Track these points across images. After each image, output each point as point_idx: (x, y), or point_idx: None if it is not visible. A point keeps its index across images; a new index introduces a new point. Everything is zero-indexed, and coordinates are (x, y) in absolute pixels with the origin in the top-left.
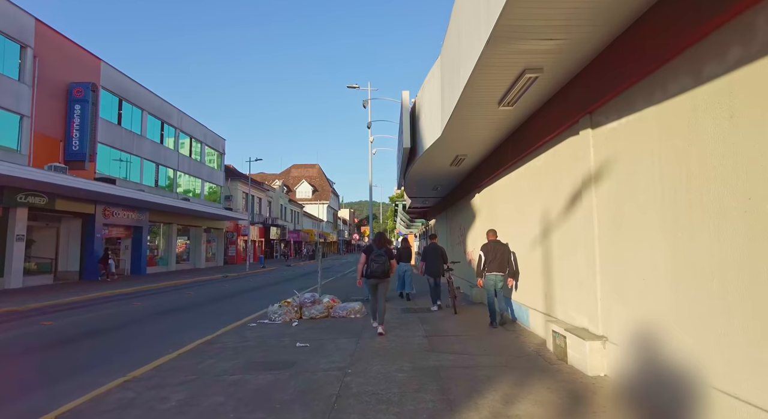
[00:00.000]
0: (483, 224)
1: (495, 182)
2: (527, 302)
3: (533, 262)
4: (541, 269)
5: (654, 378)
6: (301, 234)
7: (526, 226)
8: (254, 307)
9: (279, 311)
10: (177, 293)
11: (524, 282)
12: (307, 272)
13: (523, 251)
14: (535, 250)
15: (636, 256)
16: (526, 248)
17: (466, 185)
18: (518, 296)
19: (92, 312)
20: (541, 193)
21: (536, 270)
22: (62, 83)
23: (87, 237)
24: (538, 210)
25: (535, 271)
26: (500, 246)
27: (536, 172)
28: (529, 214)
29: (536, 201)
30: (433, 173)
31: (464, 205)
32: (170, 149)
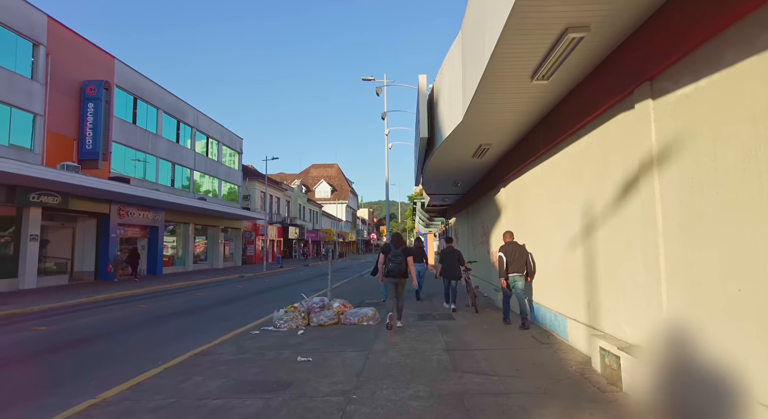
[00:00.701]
0: (509, 221)
1: (523, 174)
2: (565, 311)
3: (572, 264)
4: (583, 273)
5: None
6: (319, 234)
7: (562, 222)
8: (263, 311)
9: (284, 318)
10: (187, 295)
11: (560, 288)
12: (324, 273)
13: (559, 252)
14: (574, 250)
15: (727, 259)
16: (563, 249)
17: (490, 180)
18: (553, 302)
19: (93, 316)
20: (582, 183)
21: (576, 274)
22: (75, 81)
23: (102, 237)
24: (578, 203)
25: (575, 275)
26: (518, 247)
27: (576, 158)
28: (566, 208)
29: (575, 193)
30: (453, 166)
31: (487, 201)
32: (186, 148)
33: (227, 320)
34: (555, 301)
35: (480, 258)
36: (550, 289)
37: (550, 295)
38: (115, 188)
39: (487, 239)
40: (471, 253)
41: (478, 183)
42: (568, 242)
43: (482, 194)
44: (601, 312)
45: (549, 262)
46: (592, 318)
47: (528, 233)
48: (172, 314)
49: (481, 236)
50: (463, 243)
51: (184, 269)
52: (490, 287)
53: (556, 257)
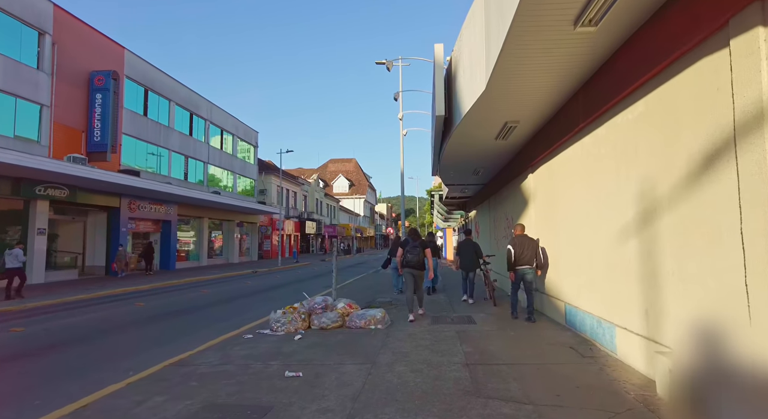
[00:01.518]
0: (539, 211)
1: (557, 156)
2: (611, 317)
3: (622, 260)
4: (638, 271)
5: None
6: (337, 228)
7: (607, 210)
8: (266, 310)
9: (282, 320)
10: (193, 292)
11: (605, 288)
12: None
13: (602, 245)
14: (624, 243)
15: None
16: (607, 241)
17: (516, 165)
18: (594, 306)
19: (83, 315)
20: (636, 159)
21: (627, 273)
22: (83, 72)
23: (112, 231)
24: (630, 185)
25: (626, 274)
26: (528, 240)
27: (628, 130)
28: (612, 192)
29: (627, 172)
30: (474, 150)
31: (513, 190)
32: (200, 141)
33: (224, 320)
34: (597, 304)
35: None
36: (591, 290)
37: (590, 297)
38: (124, 180)
39: (512, 231)
40: (493, 247)
41: (502, 170)
42: (615, 233)
43: (506, 182)
44: (665, 322)
45: (588, 257)
46: (653, 328)
47: (561, 223)
48: (168, 313)
49: (505, 228)
50: (484, 237)
51: (198, 264)
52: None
53: (598, 251)
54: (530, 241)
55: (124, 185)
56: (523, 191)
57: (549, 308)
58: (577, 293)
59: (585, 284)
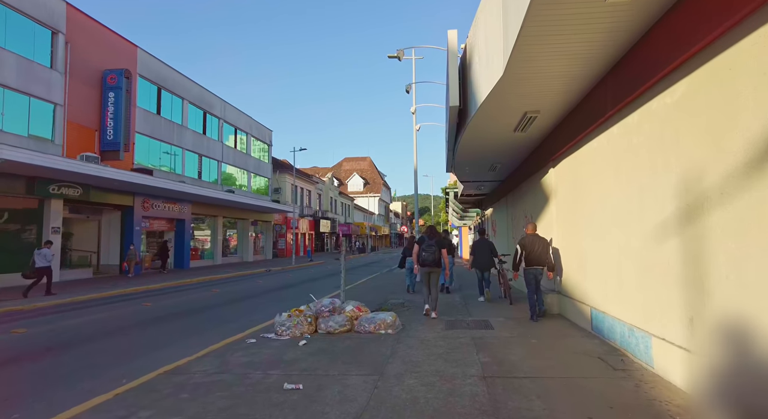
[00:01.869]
0: (561, 208)
1: (581, 148)
2: (647, 326)
3: (659, 262)
4: (681, 274)
5: None
6: (351, 227)
7: (640, 205)
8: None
9: (287, 324)
10: (203, 291)
11: (638, 293)
12: (353, 267)
13: (634, 245)
14: (664, 243)
15: None
16: (643, 240)
17: (536, 159)
18: (625, 312)
19: (90, 315)
20: (677, 148)
21: (667, 276)
22: (96, 71)
23: (126, 230)
24: (669, 178)
25: (666, 277)
26: (539, 239)
27: (666, 115)
28: (647, 186)
29: (666, 163)
30: (491, 144)
31: (532, 187)
32: (214, 140)
33: (231, 322)
34: (630, 311)
35: None
36: (622, 294)
37: (621, 302)
38: (136, 179)
39: None
40: (511, 246)
41: (521, 166)
42: (651, 231)
43: (525, 178)
44: (716, 334)
45: (618, 258)
46: (699, 340)
47: (586, 221)
48: (175, 313)
49: (524, 227)
50: (501, 236)
51: (212, 262)
52: None
53: (629, 252)
54: (542, 241)
55: (137, 183)
56: (543, 187)
57: (572, 313)
58: (605, 297)
59: (614, 287)
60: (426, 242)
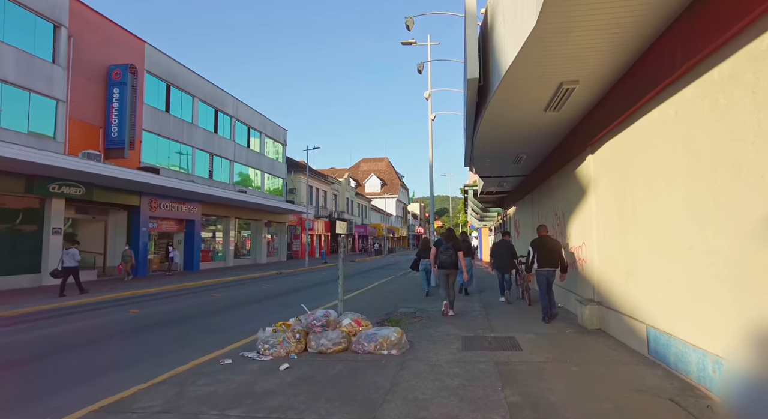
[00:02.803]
0: (602, 201)
1: (633, 124)
2: (748, 360)
3: (751, 263)
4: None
5: None
6: (368, 228)
7: (732, 191)
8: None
9: (271, 340)
10: (202, 295)
11: (733, 313)
12: (368, 269)
13: (725, 246)
14: None
15: None
16: (740, 237)
17: (569, 146)
18: (705, 337)
19: (66, 324)
20: None
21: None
22: (101, 66)
23: (132, 231)
24: None
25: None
26: (550, 241)
27: None
28: (744, 162)
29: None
30: (516, 128)
31: (563, 180)
32: (225, 139)
33: (216, 333)
34: (714, 336)
35: None
36: (699, 312)
37: (698, 323)
38: (142, 178)
39: (563, 230)
40: None
41: (551, 155)
42: (753, 226)
43: (555, 169)
44: None
45: (692, 264)
46: None
47: (639, 216)
48: (160, 322)
49: (554, 226)
50: (526, 237)
51: (224, 264)
52: (568, 296)
53: (712, 255)
54: (554, 242)
55: (143, 182)
56: (578, 179)
57: (619, 329)
58: (670, 314)
59: (686, 302)
60: (444, 245)
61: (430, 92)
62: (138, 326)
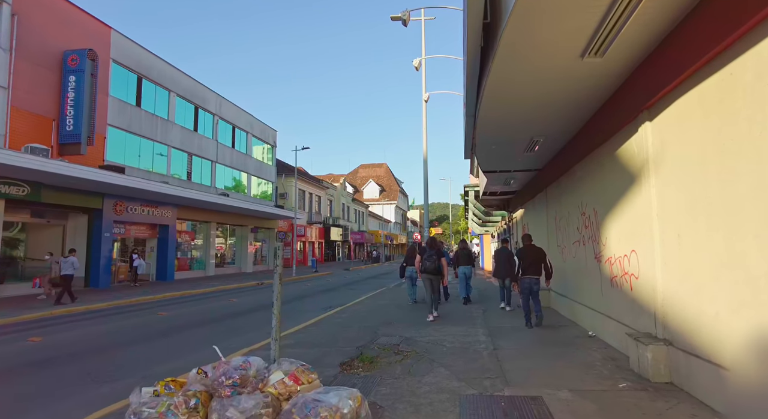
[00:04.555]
0: (671, 188)
1: (732, 62)
2: None
3: None
4: None
5: None
6: (365, 235)
7: None
8: (203, 355)
9: (148, 411)
10: (148, 314)
11: None
12: (359, 279)
13: None
14: None
15: None
16: None
17: (609, 115)
18: None
19: None
20: None
21: None
22: (56, 51)
23: (94, 237)
24: None
25: None
26: (534, 250)
27: None
28: None
29: None
30: (536, 88)
31: (595, 166)
32: (207, 138)
33: (107, 381)
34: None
35: (574, 266)
36: None
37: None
38: (100, 177)
39: (594, 233)
40: (557, 258)
41: (578, 135)
42: None
43: (583, 154)
44: None
45: None
46: None
47: (748, 206)
48: (45, 360)
49: (580, 228)
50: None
51: (204, 273)
52: (605, 323)
53: None
54: (537, 251)
55: (104, 182)
56: (622, 162)
57: (712, 389)
58: None
59: None
60: (427, 252)
61: (422, 60)
62: (15, 364)
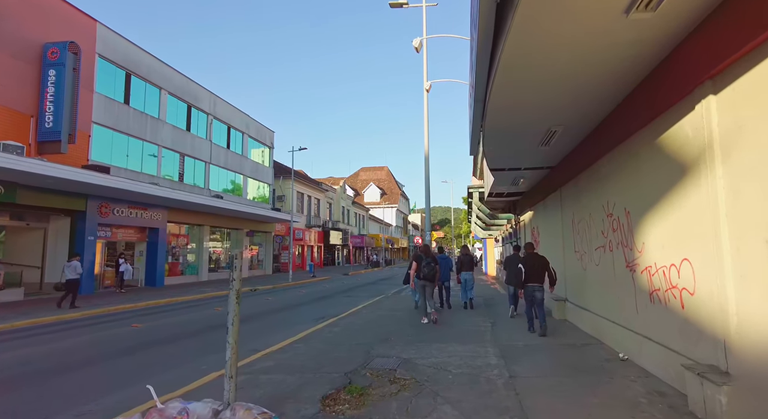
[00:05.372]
0: (749, 179)
1: None
2: None
3: None
4: None
5: None
6: (365, 239)
7: None
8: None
9: None
10: (120, 326)
11: None
12: (358, 285)
13: None
14: None
15: None
16: None
17: (649, 95)
18: None
19: None
20: None
21: None
22: (35, 44)
23: (76, 240)
24: None
25: None
26: (538, 258)
27: None
28: None
29: None
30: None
31: (628, 158)
32: (200, 138)
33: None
34: None
35: (597, 274)
36: None
37: None
38: (81, 177)
39: (625, 238)
40: (575, 266)
41: (608, 120)
42: None
43: (615, 143)
44: None
45: None
46: None
47: None
48: None
49: (605, 232)
50: (548, 247)
51: (196, 278)
52: (652, 351)
53: None
54: (540, 259)
55: (87, 183)
56: (667, 148)
57: None
58: None
59: None
60: (425, 260)
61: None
62: None
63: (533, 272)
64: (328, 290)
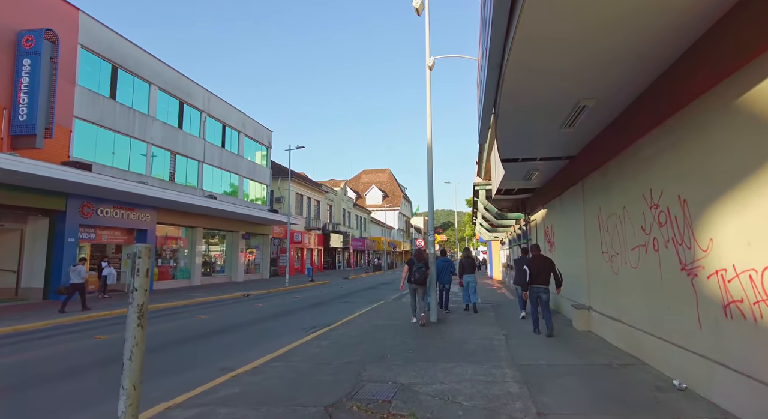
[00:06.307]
0: None
1: None
2: None
3: None
4: None
5: None
6: (366, 242)
7: None
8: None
9: None
10: (84, 338)
11: None
12: (357, 289)
13: None
14: None
15: None
16: None
17: (723, 44)
18: None
19: None
20: None
21: None
22: (9, 32)
23: (55, 242)
24: None
25: None
26: (543, 260)
27: None
28: None
29: None
30: (600, 13)
31: (688, 135)
32: (193, 136)
33: None
34: None
35: (635, 278)
36: None
37: None
38: (57, 174)
39: (680, 233)
40: (603, 267)
41: (662, 81)
42: None
43: (664, 116)
44: None
45: None
46: None
47: None
48: None
49: (648, 227)
50: (565, 247)
51: (188, 282)
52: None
53: None
54: (546, 260)
55: (65, 180)
56: (750, 116)
57: None
58: None
59: None
60: (416, 265)
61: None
62: None
63: (539, 273)
64: (324, 295)
